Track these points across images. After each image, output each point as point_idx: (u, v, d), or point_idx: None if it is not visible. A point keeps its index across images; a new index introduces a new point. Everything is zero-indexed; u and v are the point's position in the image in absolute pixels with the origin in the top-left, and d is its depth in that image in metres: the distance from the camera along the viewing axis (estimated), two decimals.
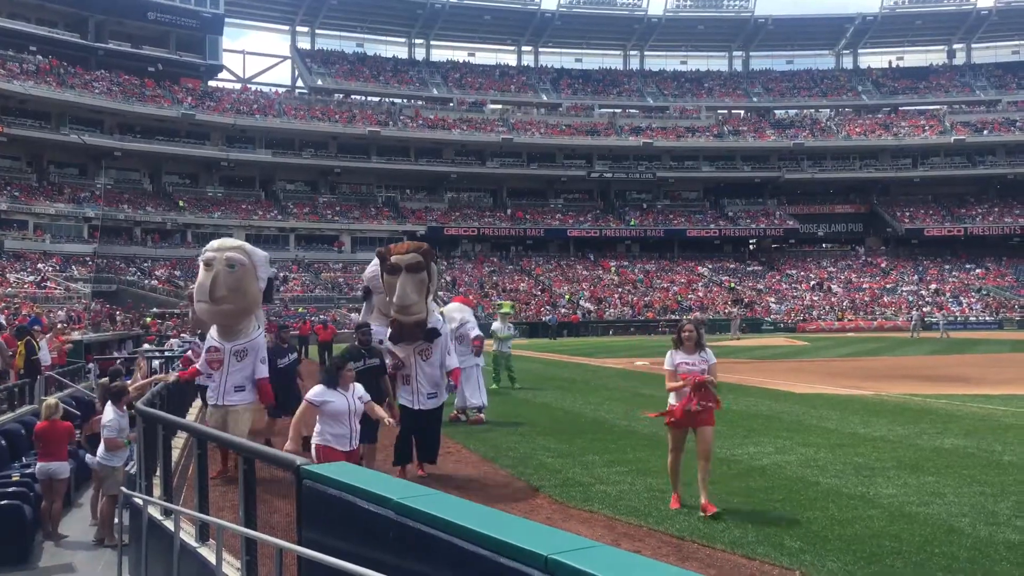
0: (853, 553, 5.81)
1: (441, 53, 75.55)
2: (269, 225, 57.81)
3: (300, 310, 46.29)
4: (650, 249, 66.24)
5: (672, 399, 6.95)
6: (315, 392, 6.54)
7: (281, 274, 51.61)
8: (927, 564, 5.58)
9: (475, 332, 13.56)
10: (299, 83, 70.71)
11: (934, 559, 5.66)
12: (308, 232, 59.16)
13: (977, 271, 62.20)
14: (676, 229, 65.33)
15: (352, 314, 46.55)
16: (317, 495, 3.59)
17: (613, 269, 62.34)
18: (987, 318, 53.51)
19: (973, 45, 75.48)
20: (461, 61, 75.35)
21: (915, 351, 30.38)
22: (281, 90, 69.90)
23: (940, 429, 11.10)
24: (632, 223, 65.52)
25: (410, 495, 3.16)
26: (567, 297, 56.38)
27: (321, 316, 42.91)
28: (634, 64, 77.92)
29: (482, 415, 12.83)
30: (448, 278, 54.42)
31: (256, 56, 74.35)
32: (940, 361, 25.12)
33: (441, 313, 13.50)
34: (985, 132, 66.20)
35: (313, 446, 6.56)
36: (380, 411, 7.03)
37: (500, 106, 70.03)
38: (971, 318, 53.37)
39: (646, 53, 77.74)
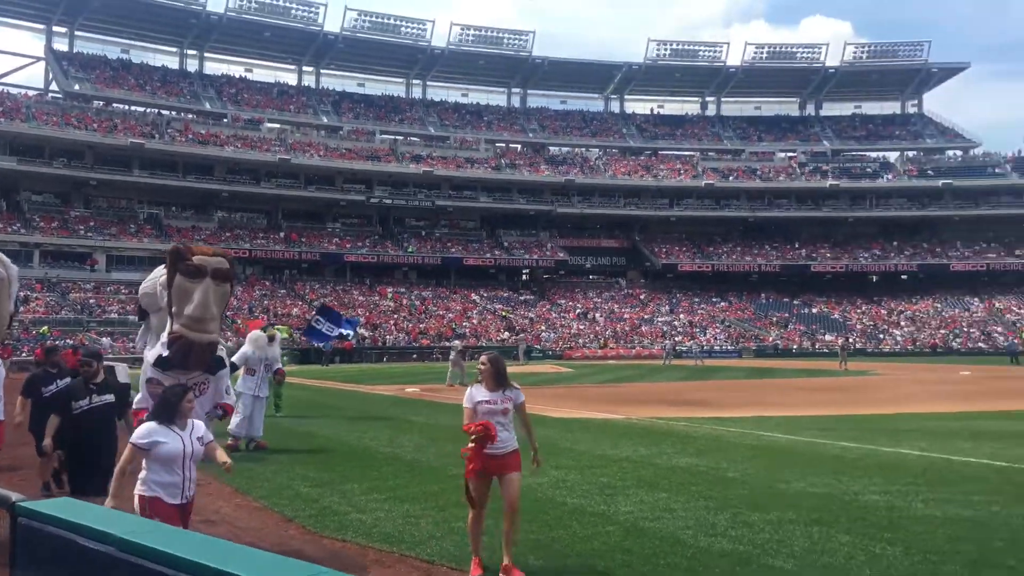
0: (590, 568, 6.20)
1: (216, 66, 72.69)
2: (10, 239, 52.28)
3: (43, 331, 42.31)
4: (427, 276, 66.97)
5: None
6: (142, 432, 5.18)
7: (22, 293, 46.96)
8: (652, 574, 6.08)
9: (279, 364, 14.05)
10: (53, 87, 65.13)
11: (659, 569, 6.17)
12: (56, 248, 54.23)
13: (722, 304, 68.40)
14: (453, 257, 66.54)
15: (104, 338, 43.30)
16: (33, 533, 3.36)
17: (390, 295, 62.35)
18: (729, 347, 59.00)
19: (723, 99, 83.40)
20: (237, 76, 72.78)
21: (666, 377, 32.78)
22: (32, 93, 63.97)
23: (678, 449, 12.08)
24: (410, 250, 65.96)
25: (133, 530, 3.06)
26: None
27: (68, 341, 39.40)
28: (416, 93, 78.94)
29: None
30: None
31: (3, 55, 67.58)
32: (686, 387, 27.32)
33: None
34: (731, 178, 73.25)
35: (136, 497, 5.23)
36: (223, 455, 5.71)
37: (278, 125, 68.30)
38: (716, 347, 58.53)
39: (429, 83, 79.08)
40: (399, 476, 10.00)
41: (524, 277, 70.99)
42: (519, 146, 76.67)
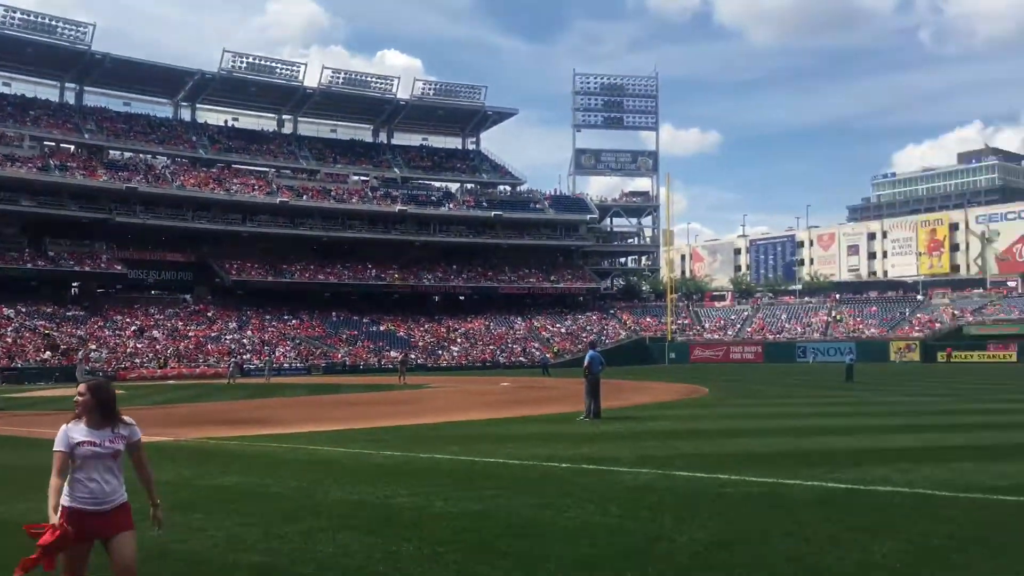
0: None
1: None
2: None
3: None
4: None
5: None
6: None
7: None
8: None
9: None
10: None
11: None
12: None
13: (293, 321, 68.46)
14: None
15: None
16: None
17: None
18: (299, 364, 59.25)
19: (300, 118, 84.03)
20: None
21: (229, 396, 32.01)
22: None
23: (224, 469, 11.88)
24: None
25: None
26: None
27: None
28: None
29: None
30: None
31: None
32: (248, 405, 26.92)
33: None
34: (305, 197, 73.83)
35: None
36: None
37: None
38: (286, 365, 58.38)
39: None
40: None
41: (74, 291, 64.02)
42: (72, 147, 69.21)
